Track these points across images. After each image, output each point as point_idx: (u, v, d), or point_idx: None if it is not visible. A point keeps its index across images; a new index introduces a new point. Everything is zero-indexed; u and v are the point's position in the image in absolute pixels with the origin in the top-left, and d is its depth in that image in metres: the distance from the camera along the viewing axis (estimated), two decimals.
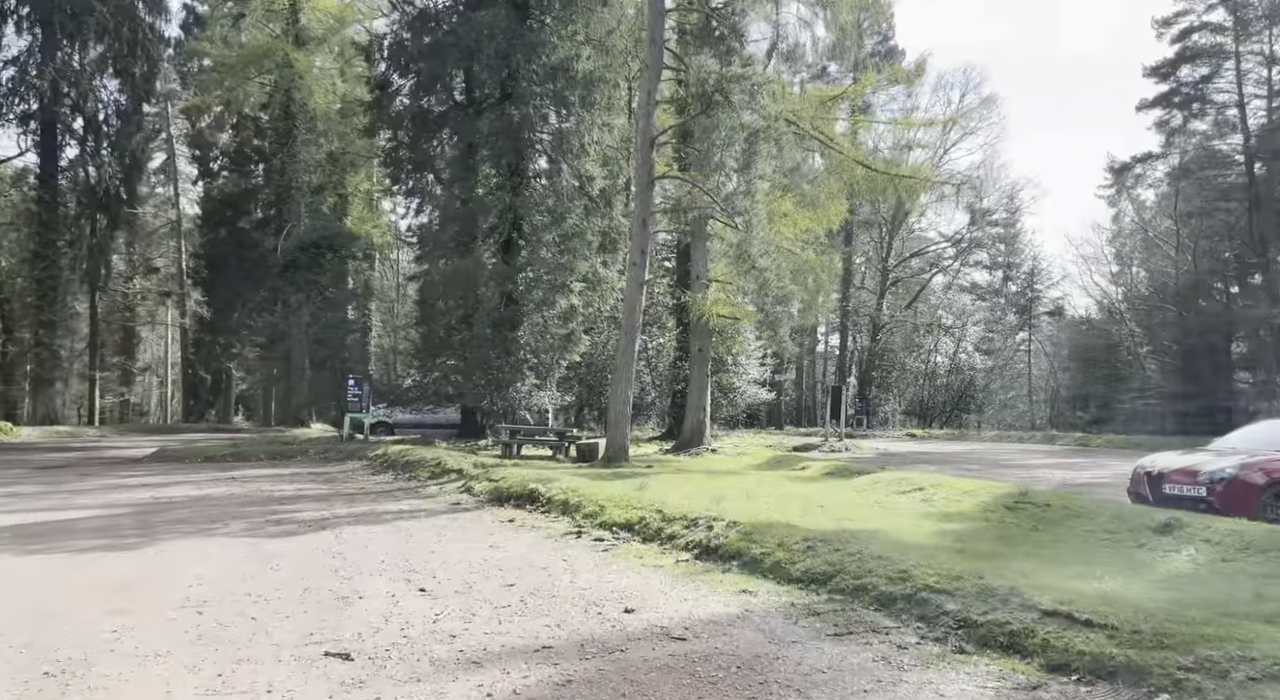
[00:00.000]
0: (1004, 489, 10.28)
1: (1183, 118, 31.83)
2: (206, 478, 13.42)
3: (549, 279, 21.13)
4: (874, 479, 12.50)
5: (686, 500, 9.36)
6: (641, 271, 15.26)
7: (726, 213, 14.00)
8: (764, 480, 13.25)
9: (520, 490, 10.65)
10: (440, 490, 12.11)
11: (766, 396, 30.22)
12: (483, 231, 21.14)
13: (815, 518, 8.77)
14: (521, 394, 20.30)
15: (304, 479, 13.51)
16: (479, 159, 21.13)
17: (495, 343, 20.43)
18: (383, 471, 14.66)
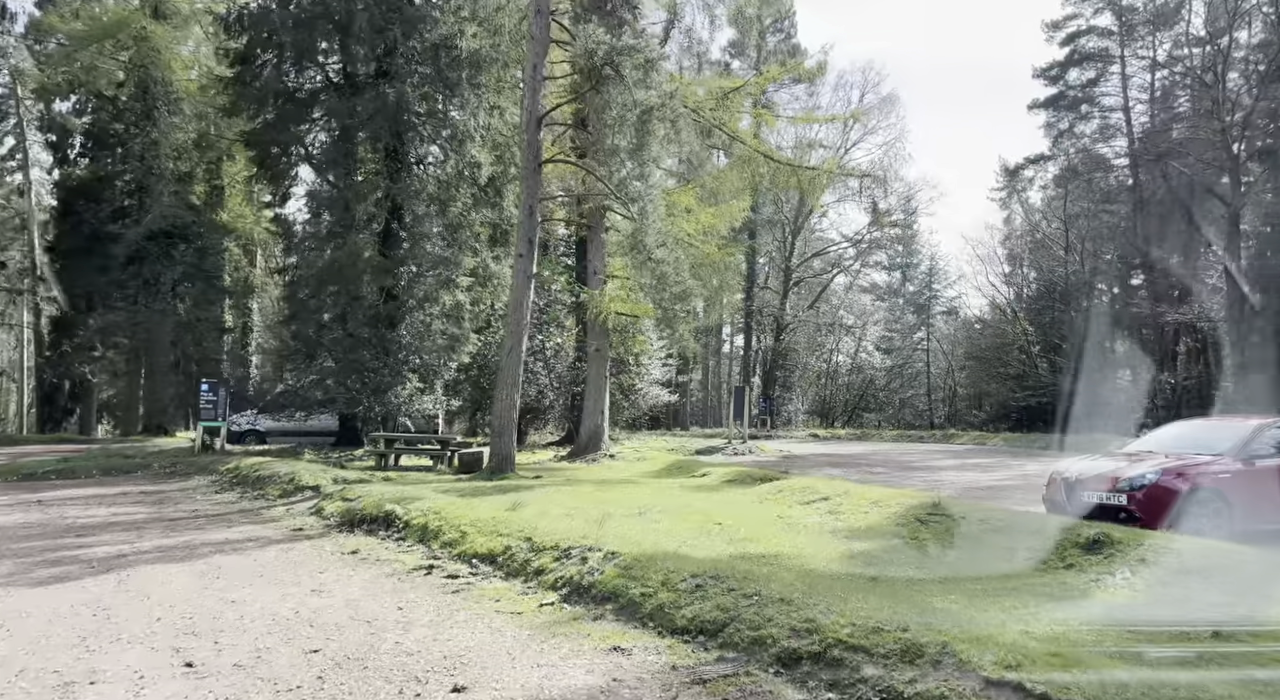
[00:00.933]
0: (914, 499, 9.45)
1: (1070, 120, 32.72)
2: (3, 502, 11.31)
3: (433, 273, 19.52)
4: (777, 487, 11.55)
5: (565, 521, 8.12)
6: (529, 264, 13.93)
7: (621, 200, 12.83)
8: (660, 491, 12.14)
9: (375, 512, 9.17)
10: (286, 512, 10.47)
11: (669, 398, 29.30)
12: (360, 221, 19.31)
13: (711, 540, 7.67)
14: (402, 399, 18.61)
15: (129, 500, 11.58)
16: (356, 142, 19.32)
17: (372, 343, 18.68)
18: (229, 489, 12.82)
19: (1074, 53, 31.88)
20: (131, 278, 21.42)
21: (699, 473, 14.99)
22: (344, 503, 10.04)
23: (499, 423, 14.01)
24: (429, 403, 19.47)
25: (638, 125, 11.93)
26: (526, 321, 14.24)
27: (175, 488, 13.14)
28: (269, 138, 18.81)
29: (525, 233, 13.88)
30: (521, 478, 13.84)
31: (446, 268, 19.13)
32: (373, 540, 8.39)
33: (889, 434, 35.66)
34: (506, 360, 13.98)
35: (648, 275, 13.60)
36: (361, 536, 8.65)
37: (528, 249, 13.89)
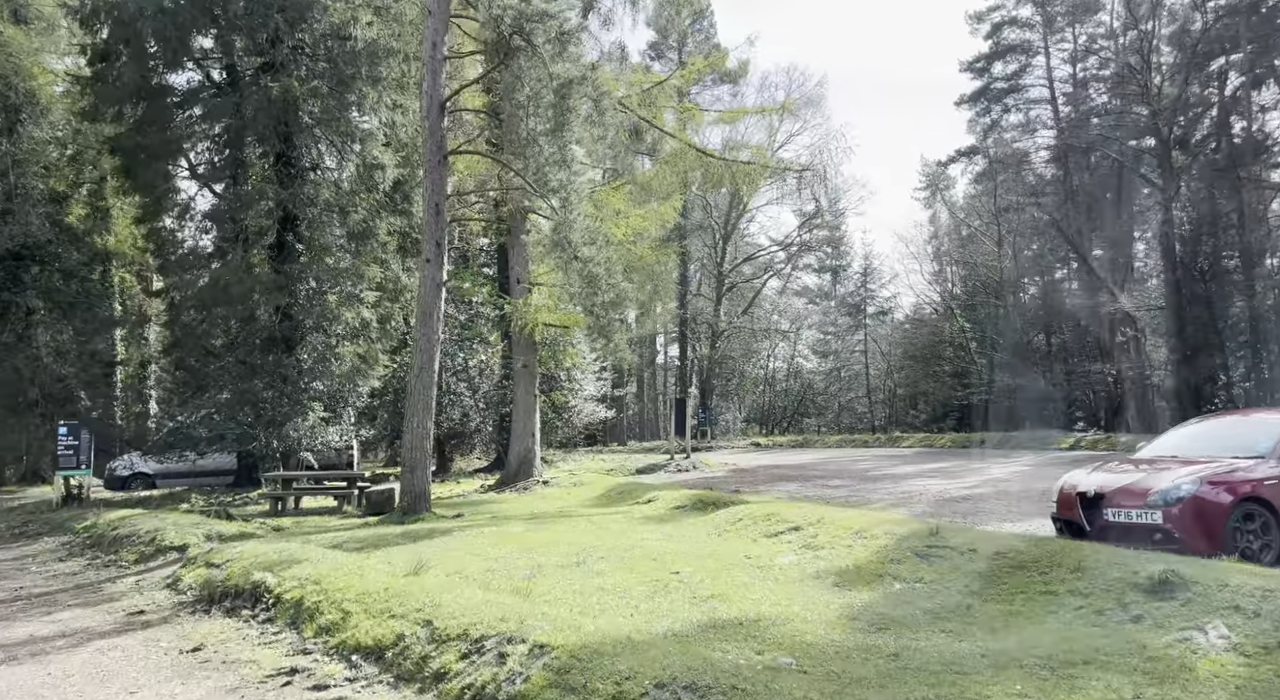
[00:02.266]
0: (902, 525, 8.00)
1: (997, 113, 32.49)
2: None
3: (335, 290, 17.45)
4: (735, 515, 9.99)
5: (481, 588, 6.36)
6: (438, 270, 12.09)
7: (541, 194, 11.12)
8: (601, 527, 10.43)
9: (242, 583, 7.21)
10: (135, 586, 8.37)
11: (605, 414, 27.58)
12: (249, 234, 17.11)
13: (671, 600, 6.03)
14: (303, 431, 16.43)
15: None
16: (241, 146, 17.14)
17: (267, 370, 16.49)
18: (77, 554, 10.56)
19: (998, 44, 31.64)
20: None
21: (644, 499, 13.34)
22: (207, 570, 8.03)
23: (410, 456, 12.09)
24: (335, 434, 17.31)
25: (556, 103, 10.27)
26: (438, 337, 12.38)
27: (12, 556, 10.79)
28: (135, 142, 16.45)
29: (432, 234, 12.04)
30: (439, 518, 11.95)
31: (349, 282, 17.11)
32: (231, 626, 6.45)
33: (832, 439, 34.71)
34: (416, 382, 12.09)
35: (576, 279, 11.92)
36: (218, 620, 6.69)
37: (435, 253, 12.05)
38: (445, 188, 12.09)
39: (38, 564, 10.13)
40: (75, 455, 14.45)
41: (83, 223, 27.89)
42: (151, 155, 16.27)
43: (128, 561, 9.64)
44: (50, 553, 10.96)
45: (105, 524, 11.65)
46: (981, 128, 33.43)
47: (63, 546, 11.33)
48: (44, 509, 15.24)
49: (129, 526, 11.03)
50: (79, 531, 12.00)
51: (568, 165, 10.36)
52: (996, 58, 31.71)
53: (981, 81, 33.11)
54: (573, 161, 10.42)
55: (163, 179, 16.81)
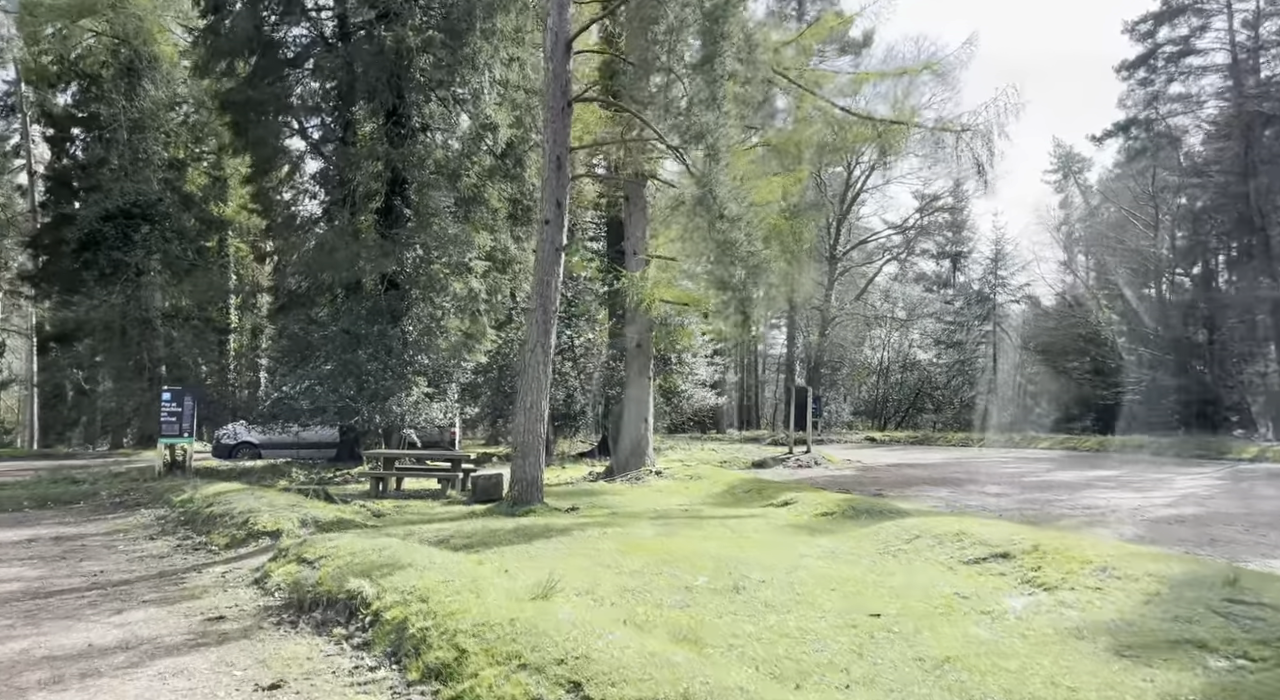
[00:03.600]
0: (1164, 564, 6.12)
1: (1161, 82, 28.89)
2: None
3: (443, 257, 16.42)
4: (906, 530, 8.25)
5: (631, 627, 4.91)
6: (558, 232, 10.73)
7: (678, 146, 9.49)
8: (742, 536, 8.87)
9: (335, 590, 6.00)
10: (221, 579, 7.33)
11: (716, 401, 25.96)
12: (357, 196, 16.25)
13: (888, 662, 4.41)
14: (407, 407, 15.49)
15: (24, 554, 8.53)
16: (351, 102, 16.26)
17: (371, 341, 15.61)
18: (168, 533, 9.74)
19: (1168, 4, 28.06)
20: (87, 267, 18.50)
21: (778, 500, 11.71)
22: (298, 567, 6.88)
23: (522, 440, 10.81)
24: (439, 411, 16.33)
25: (706, 30, 8.64)
26: (555, 307, 11.03)
27: (103, 531, 10.08)
28: (246, 97, 15.76)
29: (552, 192, 10.67)
30: (552, 511, 10.65)
31: (458, 249, 16.01)
32: (319, 648, 5.21)
33: (955, 437, 32.06)
34: (530, 358, 10.78)
35: (710, 245, 10.34)
36: (306, 637, 5.48)
37: (555, 213, 10.67)
38: (568, 139, 10.68)
39: (127, 541, 9.34)
40: (178, 422, 13.88)
41: (201, 190, 28.18)
42: (261, 111, 15.55)
43: (218, 545, 8.69)
44: (143, 528, 10.20)
45: (201, 499, 10.86)
46: (1141, 99, 29.88)
47: (157, 521, 10.58)
48: (148, 476, 14.82)
49: (224, 504, 10.16)
50: (175, 505, 11.29)
51: (717, 105, 8.75)
52: (1165, 19, 28.14)
53: (1144, 47, 29.56)
54: (724, 101, 8.81)
55: (272, 136, 16.11)
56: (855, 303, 43.16)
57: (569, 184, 10.96)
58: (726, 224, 9.05)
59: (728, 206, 9.03)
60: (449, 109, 16.44)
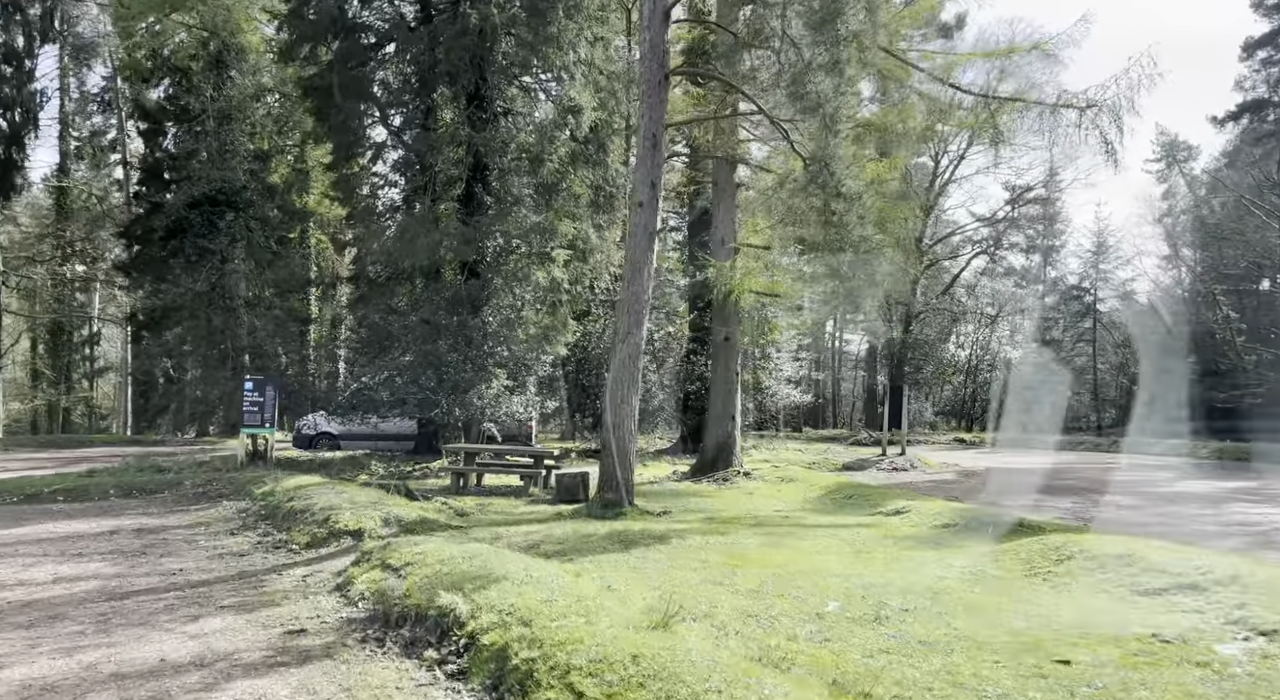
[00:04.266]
0: None
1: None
2: None
3: (524, 246, 15.89)
4: (1053, 550, 7.24)
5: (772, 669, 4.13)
6: (651, 215, 9.99)
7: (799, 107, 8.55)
8: (859, 549, 7.99)
9: (424, 606, 5.38)
10: (302, 583, 6.84)
11: (802, 399, 24.90)
12: (439, 184, 15.87)
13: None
14: (487, 399, 15.02)
15: (105, 547, 8.25)
16: (432, 85, 15.87)
17: (452, 331, 15.20)
18: (250, 527, 9.39)
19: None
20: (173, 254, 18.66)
21: (886, 508, 10.74)
22: (382, 574, 6.33)
23: (612, 437, 10.12)
24: (519, 404, 15.82)
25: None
26: (648, 296, 10.31)
27: (185, 523, 9.81)
28: (328, 82, 15.49)
29: (646, 172, 9.93)
30: (644, 515, 9.94)
31: (540, 237, 15.44)
32: (409, 676, 4.59)
33: (1050, 440, 30.19)
34: (622, 349, 10.08)
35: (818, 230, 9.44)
36: (393, 660, 4.87)
37: (650, 194, 9.93)
38: (664, 114, 9.92)
39: (208, 535, 9.00)
40: (260, 412, 13.69)
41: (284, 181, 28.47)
42: (344, 94, 15.25)
43: (298, 544, 8.25)
44: (224, 521, 9.89)
45: (282, 493, 10.52)
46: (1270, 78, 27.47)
47: (238, 515, 10.27)
48: (230, 465, 14.72)
49: (304, 499, 9.77)
50: (256, 497, 10.99)
51: (839, 70, 7.85)
52: None
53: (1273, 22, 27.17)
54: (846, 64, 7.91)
55: (354, 122, 15.83)
56: (941, 297, 41.30)
57: (664, 164, 10.19)
58: (843, 204, 8.17)
59: (845, 183, 8.14)
60: (531, 92, 15.89)
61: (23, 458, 19.85)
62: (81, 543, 8.47)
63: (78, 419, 39.99)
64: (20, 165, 23.75)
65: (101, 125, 36.43)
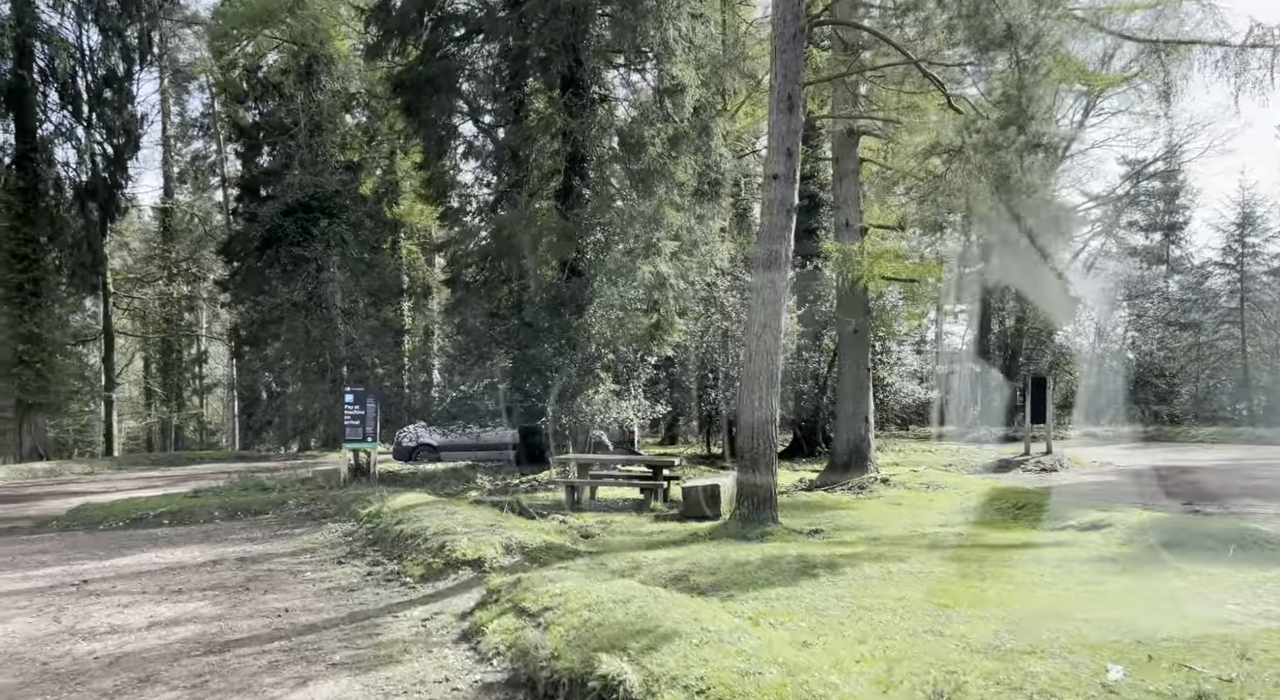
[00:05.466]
0: None
1: None
2: (41, 583, 7.51)
3: (627, 239, 14.80)
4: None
5: None
6: (788, 188, 8.71)
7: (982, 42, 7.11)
8: (1084, 579, 6.50)
9: (582, 672, 4.25)
10: (423, 628, 5.83)
11: (928, 396, 23.08)
12: (534, 178, 14.96)
13: None
14: (596, 406, 13.98)
15: (206, 580, 7.49)
16: (524, 72, 14.99)
17: (555, 333, 14.22)
18: (358, 555, 8.53)
19: None
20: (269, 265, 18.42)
21: (1077, 521, 9.12)
22: (516, 621, 5.25)
23: (751, 444, 8.87)
24: (629, 410, 14.73)
25: None
26: (787, 281, 9.02)
27: (290, 550, 9.04)
28: (418, 76, 14.78)
29: (782, 140, 8.65)
30: (792, 535, 8.64)
31: (645, 229, 14.32)
32: None
33: (1201, 433, 27.31)
34: (757, 345, 8.82)
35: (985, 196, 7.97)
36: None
37: (786, 166, 8.65)
38: (802, 72, 8.62)
39: (313, 565, 8.17)
40: (361, 425, 13.00)
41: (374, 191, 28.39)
42: (433, 89, 14.52)
43: (413, 576, 7.29)
44: (330, 547, 9.08)
45: (389, 513, 9.68)
46: None
47: (344, 539, 9.47)
48: (333, 482, 14.14)
49: (414, 521, 8.86)
50: (361, 519, 10.21)
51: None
52: None
53: None
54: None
55: (445, 116, 15.09)
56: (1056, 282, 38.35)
57: (801, 129, 8.88)
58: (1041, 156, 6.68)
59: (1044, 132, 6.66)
60: (629, 74, 14.80)
61: (135, 477, 19.99)
62: (182, 576, 7.74)
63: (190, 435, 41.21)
64: (123, 187, 24.16)
65: (202, 149, 37.42)
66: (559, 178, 15.15)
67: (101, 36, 23.09)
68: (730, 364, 19.78)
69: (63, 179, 23.13)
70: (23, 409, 22.92)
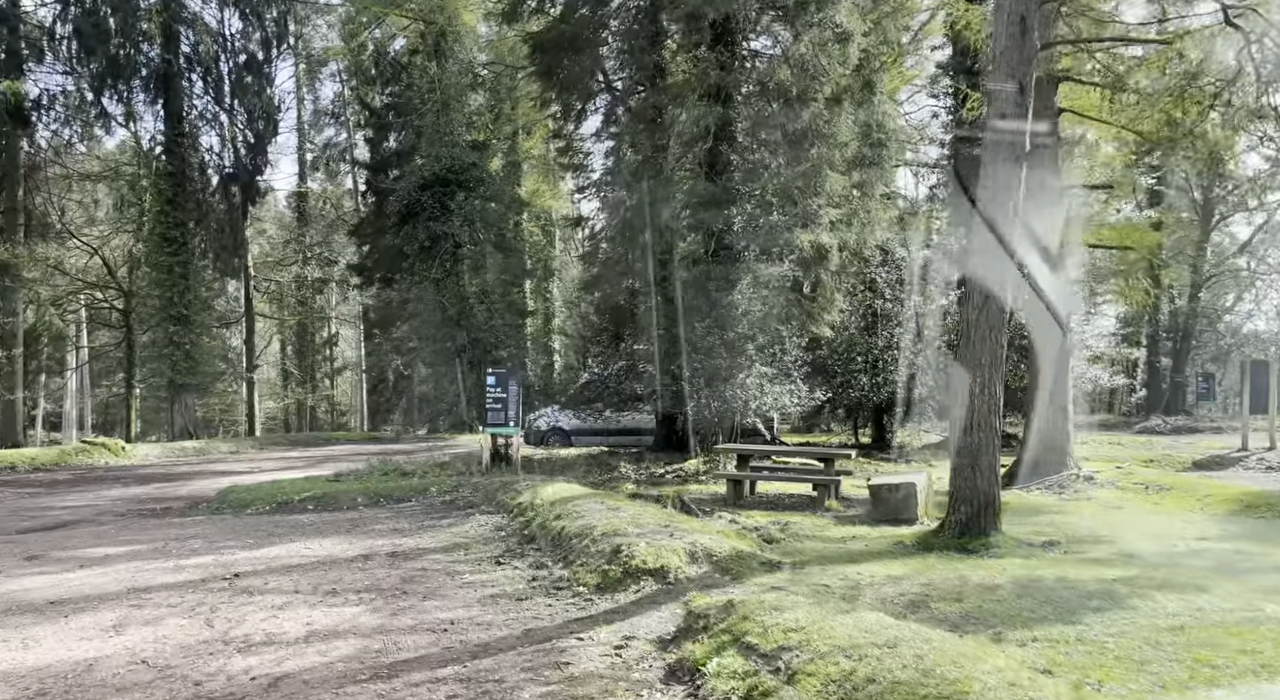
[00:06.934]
0: None
1: None
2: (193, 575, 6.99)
3: (781, 208, 13.46)
4: None
5: None
6: (1019, 129, 7.21)
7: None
8: None
9: None
10: (618, 658, 4.79)
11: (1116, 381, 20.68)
12: (677, 144, 13.83)
13: None
14: (749, 390, 12.77)
15: (359, 580, 6.77)
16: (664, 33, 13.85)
17: (702, 312, 13.09)
18: (515, 554, 7.67)
19: None
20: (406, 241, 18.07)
21: None
22: (745, 663, 4.15)
23: (969, 439, 7.46)
24: (786, 396, 13.44)
25: None
26: (1014, 245, 7.51)
27: (441, 545, 8.30)
28: (558, 34, 13.86)
29: (1011, 68, 7.17)
30: (1025, 547, 7.20)
31: (804, 195, 12.94)
32: None
33: None
34: (979, 319, 7.39)
35: None
36: None
37: (1016, 102, 7.17)
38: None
39: (470, 565, 7.35)
40: (503, 409, 12.27)
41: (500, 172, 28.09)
42: (573, 49, 13.56)
43: (586, 586, 6.32)
44: (483, 543, 8.29)
45: (543, 506, 8.81)
46: None
47: (496, 534, 8.67)
48: (473, 467, 13.53)
49: (573, 517, 7.93)
50: (512, 510, 9.42)
51: None
52: None
53: None
54: None
55: (585, 77, 14.12)
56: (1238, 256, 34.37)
57: (1036, 57, 7.33)
58: None
59: None
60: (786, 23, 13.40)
61: (276, 456, 20.27)
62: (334, 573, 7.06)
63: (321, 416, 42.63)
64: (262, 171, 24.61)
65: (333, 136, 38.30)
66: (703, 144, 13.96)
67: (242, 21, 23.46)
68: (882, 347, 18.15)
69: (206, 164, 23.69)
70: (173, 389, 23.75)
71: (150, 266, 23.65)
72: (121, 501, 12.23)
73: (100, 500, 12.41)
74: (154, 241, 23.43)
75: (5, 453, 18.10)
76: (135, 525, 10.01)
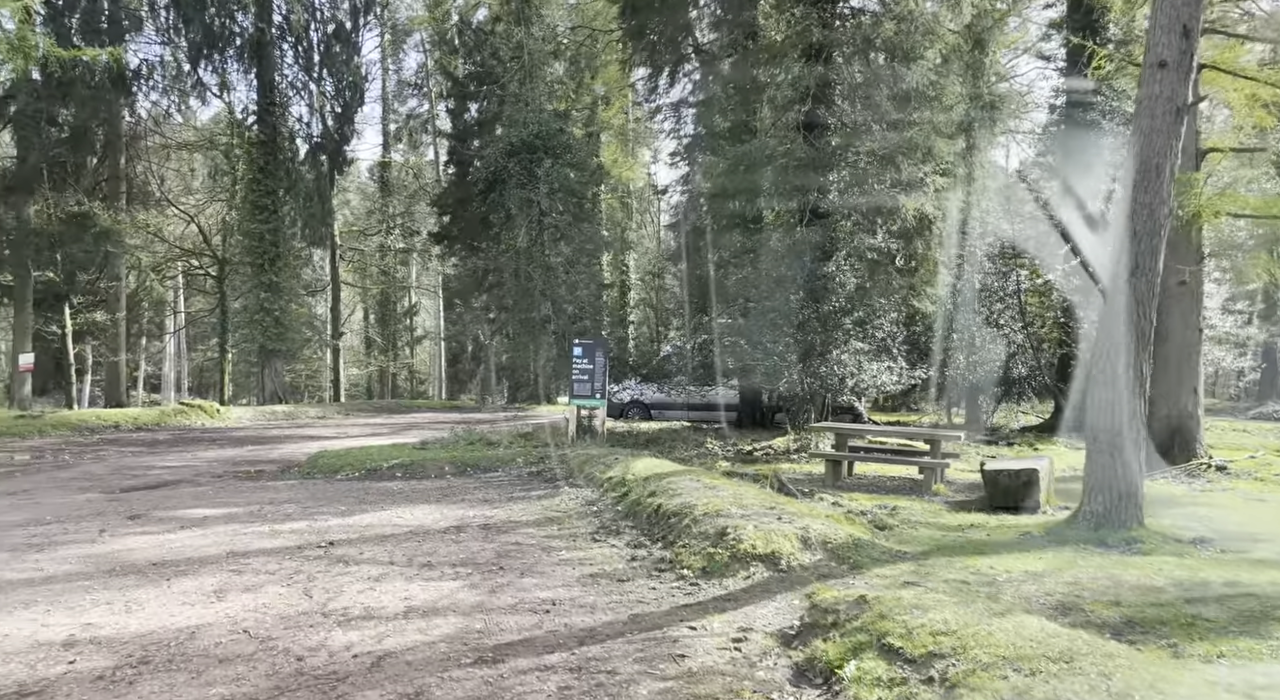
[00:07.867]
0: None
1: None
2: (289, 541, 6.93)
3: (883, 174, 12.71)
4: None
5: None
6: (1181, 83, 6.46)
7: None
8: None
9: None
10: (739, 656, 4.41)
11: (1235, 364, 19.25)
12: (770, 107, 13.18)
13: None
14: (847, 367, 12.17)
15: (455, 552, 6.58)
16: None
17: (797, 284, 12.51)
18: (611, 532, 7.37)
19: None
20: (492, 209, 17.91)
21: None
22: (889, 667, 3.72)
23: (1107, 423, 6.79)
24: (887, 374, 12.79)
25: None
26: (1170, 208, 6.76)
27: (533, 517, 8.08)
28: None
29: (1175, 13, 6.38)
30: (1174, 543, 6.53)
31: (910, 161, 12.17)
32: None
33: None
34: (1126, 292, 6.66)
35: None
36: None
37: (1181, 48, 6.38)
38: None
39: (565, 541, 7.09)
40: (590, 381, 12.00)
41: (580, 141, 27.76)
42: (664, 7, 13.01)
43: (691, 569, 5.95)
44: (577, 518, 8.03)
45: (634, 482, 8.50)
46: None
47: (588, 509, 8.41)
48: (557, 438, 13.33)
49: (671, 496, 7.58)
50: (602, 485, 9.14)
51: None
52: None
53: None
54: None
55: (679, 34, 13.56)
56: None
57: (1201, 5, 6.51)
58: None
59: None
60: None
61: (360, 423, 20.62)
62: (428, 544, 6.89)
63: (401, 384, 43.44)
64: (349, 140, 24.84)
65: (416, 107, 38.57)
66: (801, 106, 13.26)
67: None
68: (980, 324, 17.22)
69: (296, 133, 24.02)
70: (264, 355, 24.35)
71: (242, 234, 24.21)
72: (218, 463, 12.47)
73: (198, 461, 12.69)
74: (246, 209, 23.94)
75: (110, 412, 18.81)
76: (231, 487, 10.13)
